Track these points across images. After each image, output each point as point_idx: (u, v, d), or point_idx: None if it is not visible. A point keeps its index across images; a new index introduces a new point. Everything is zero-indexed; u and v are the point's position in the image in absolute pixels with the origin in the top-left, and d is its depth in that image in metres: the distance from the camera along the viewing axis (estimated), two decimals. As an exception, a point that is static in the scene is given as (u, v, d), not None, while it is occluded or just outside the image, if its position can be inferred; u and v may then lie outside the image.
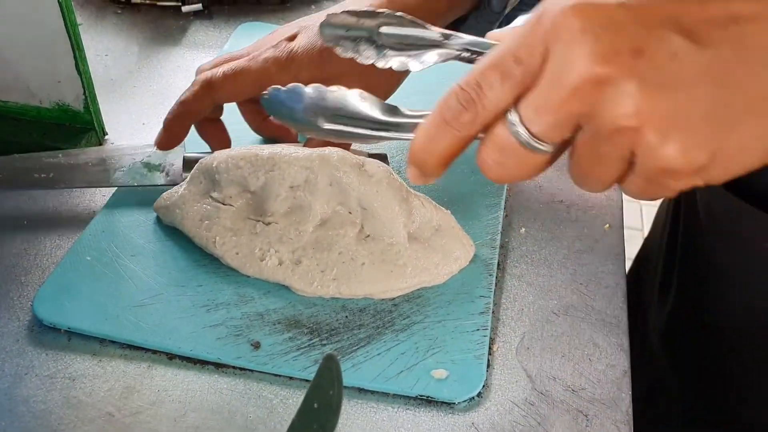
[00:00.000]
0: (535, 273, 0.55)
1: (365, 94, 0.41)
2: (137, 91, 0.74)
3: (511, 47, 0.33)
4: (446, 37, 0.45)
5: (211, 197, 0.55)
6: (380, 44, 0.46)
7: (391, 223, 0.52)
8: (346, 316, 0.51)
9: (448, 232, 0.54)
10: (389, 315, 0.51)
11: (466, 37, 0.44)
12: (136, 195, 0.60)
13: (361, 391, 0.47)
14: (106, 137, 0.68)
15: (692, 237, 0.67)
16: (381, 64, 0.46)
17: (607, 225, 0.59)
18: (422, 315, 0.51)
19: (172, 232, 0.57)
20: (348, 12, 0.47)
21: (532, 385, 0.48)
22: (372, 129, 0.41)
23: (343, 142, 0.49)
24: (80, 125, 0.66)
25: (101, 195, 0.61)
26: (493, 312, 0.52)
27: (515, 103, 0.33)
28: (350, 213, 0.53)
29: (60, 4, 0.59)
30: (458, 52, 0.45)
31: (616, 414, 0.46)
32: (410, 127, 0.39)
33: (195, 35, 0.83)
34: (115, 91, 0.74)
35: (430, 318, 0.51)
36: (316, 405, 0.34)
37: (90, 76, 0.63)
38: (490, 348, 0.50)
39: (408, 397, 0.47)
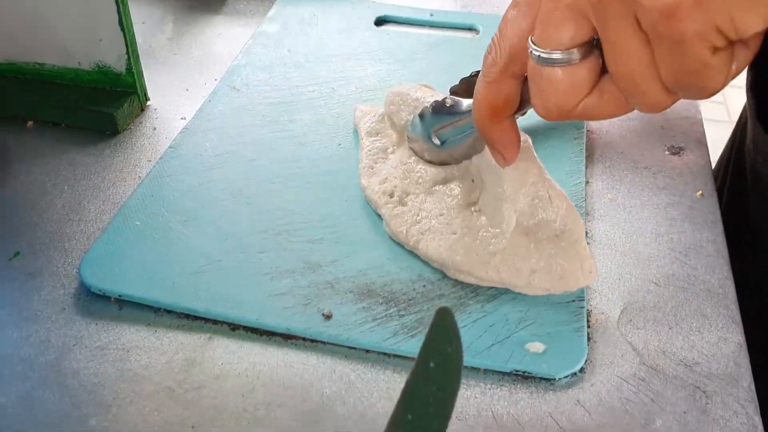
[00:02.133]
0: (628, 242, 0.50)
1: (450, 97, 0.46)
2: (178, 59, 0.70)
3: None
4: None
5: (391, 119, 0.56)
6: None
7: (499, 202, 0.45)
8: (424, 286, 0.46)
9: (569, 244, 0.45)
10: (471, 285, 0.46)
11: None
12: (183, 160, 0.55)
13: (448, 366, 0.42)
14: (149, 103, 0.63)
15: (737, 202, 0.63)
16: None
17: (700, 192, 0.54)
18: (509, 284, 0.46)
19: (226, 196, 0.52)
20: None
21: (639, 359, 0.42)
22: (466, 125, 0.45)
23: (458, 158, 0.49)
24: (121, 89, 0.61)
25: (146, 161, 0.57)
26: (586, 282, 0.47)
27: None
28: (473, 181, 0.48)
29: (105, -48, 0.54)
30: None
31: (738, 391, 0.41)
32: None
33: (236, 4, 0.78)
34: (154, 58, 0.69)
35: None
36: (432, 364, 0.29)
37: (133, 34, 0.59)
38: (588, 320, 0.45)
39: (502, 372, 0.42)
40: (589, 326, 0.44)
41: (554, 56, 0.33)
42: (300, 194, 0.53)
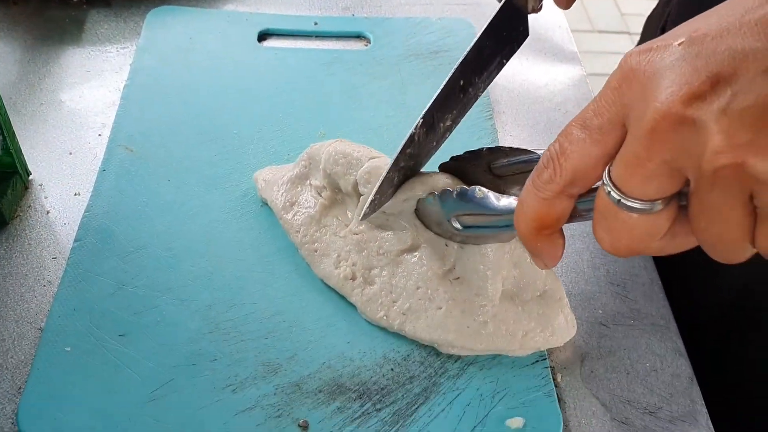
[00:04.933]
0: (571, 281, 0.51)
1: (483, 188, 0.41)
2: (47, 110, 0.62)
3: (592, 101, 0.32)
4: None
5: (310, 184, 0.51)
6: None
7: (486, 270, 0.45)
8: (392, 369, 0.46)
9: (552, 302, 0.46)
10: (438, 359, 0.46)
11: None
12: (94, 256, 0.50)
13: (435, 457, 0.42)
14: (31, 177, 0.56)
15: None
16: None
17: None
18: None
19: (155, 294, 0.48)
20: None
21: (610, 414, 0.45)
22: (498, 221, 0.40)
23: (478, 243, 0.46)
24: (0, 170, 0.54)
25: (51, 258, 0.51)
26: (542, 335, 0.48)
27: (607, 162, 0.32)
28: (446, 245, 0.47)
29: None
30: None
31: (699, 430, 0.44)
32: None
33: (96, 28, 0.70)
34: (19, 114, 0.61)
35: (482, 356, 0.46)
36: None
37: (5, 111, 0.51)
38: (554, 380, 0.46)
39: (487, 454, 0.43)
40: (557, 386, 0.46)
41: (635, 205, 0.30)
42: (236, 278, 0.50)
